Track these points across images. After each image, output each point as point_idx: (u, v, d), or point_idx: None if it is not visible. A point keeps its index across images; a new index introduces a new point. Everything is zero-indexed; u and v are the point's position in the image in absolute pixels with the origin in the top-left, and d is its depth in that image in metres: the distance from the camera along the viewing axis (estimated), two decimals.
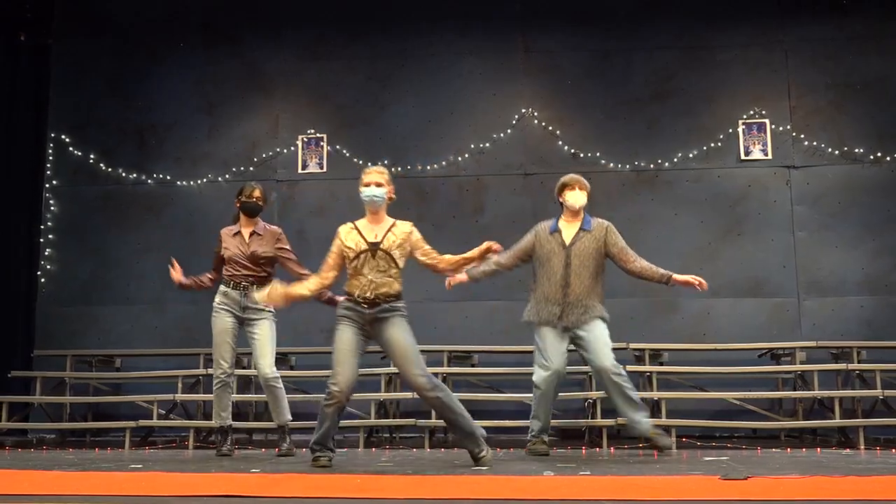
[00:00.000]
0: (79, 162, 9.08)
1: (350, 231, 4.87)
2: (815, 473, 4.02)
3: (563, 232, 5.56)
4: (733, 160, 8.54)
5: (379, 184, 4.91)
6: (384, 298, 4.70)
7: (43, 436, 8.13)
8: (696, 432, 7.13)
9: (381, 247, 4.73)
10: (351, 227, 4.90)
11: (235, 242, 5.75)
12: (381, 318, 4.70)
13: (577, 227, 5.56)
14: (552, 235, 5.55)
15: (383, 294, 4.70)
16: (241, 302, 5.65)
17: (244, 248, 5.68)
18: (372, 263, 4.72)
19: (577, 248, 5.49)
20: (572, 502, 3.08)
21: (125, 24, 9.29)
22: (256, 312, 5.65)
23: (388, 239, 4.78)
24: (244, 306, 5.65)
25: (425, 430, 6.86)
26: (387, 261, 4.73)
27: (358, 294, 4.71)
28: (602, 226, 5.60)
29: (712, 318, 8.27)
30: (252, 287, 5.58)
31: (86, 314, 8.78)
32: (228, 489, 3.41)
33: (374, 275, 4.71)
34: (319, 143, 8.93)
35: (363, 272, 4.71)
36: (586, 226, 5.58)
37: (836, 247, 8.31)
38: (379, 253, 4.72)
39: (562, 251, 5.49)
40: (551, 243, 5.53)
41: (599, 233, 5.56)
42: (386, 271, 4.73)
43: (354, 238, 4.81)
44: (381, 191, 4.89)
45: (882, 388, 6.94)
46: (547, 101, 8.82)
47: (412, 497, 3.22)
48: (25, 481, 3.92)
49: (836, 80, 8.55)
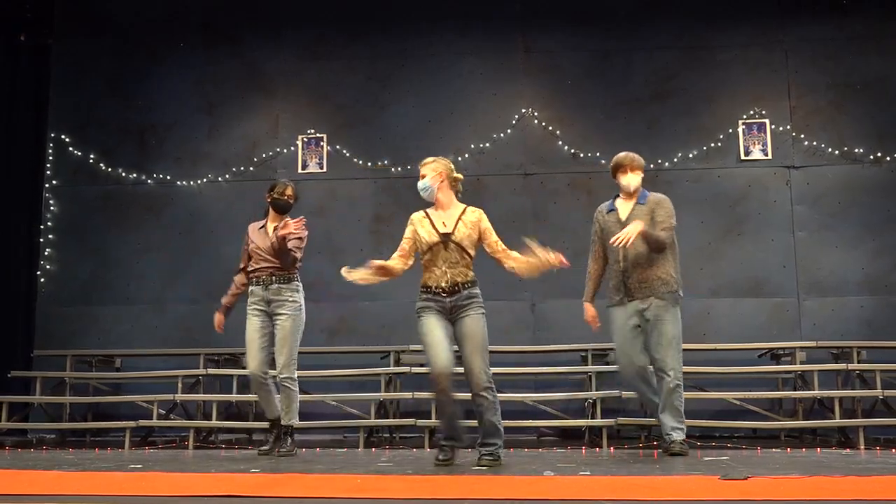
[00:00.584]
0: (79, 162, 9.08)
1: (423, 219, 4.81)
2: (815, 473, 4.02)
3: (619, 210, 5.59)
4: (733, 160, 8.54)
5: (423, 175, 4.82)
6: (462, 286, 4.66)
7: (43, 436, 8.13)
8: (696, 432, 7.11)
9: (453, 238, 4.68)
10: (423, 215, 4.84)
11: (260, 236, 5.68)
12: (459, 307, 4.65)
13: (633, 203, 5.56)
14: (609, 215, 5.62)
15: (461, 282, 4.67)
16: (265, 296, 5.60)
17: (266, 242, 5.61)
18: (444, 255, 4.67)
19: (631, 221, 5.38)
20: (572, 502, 3.08)
21: (125, 24, 9.30)
22: (280, 306, 5.58)
23: (459, 229, 4.72)
24: (268, 300, 5.60)
25: (425, 430, 6.86)
26: (459, 252, 4.68)
27: (434, 285, 4.67)
28: (655, 199, 5.60)
29: (712, 318, 8.27)
30: (273, 280, 5.54)
31: (86, 314, 8.78)
32: (228, 489, 3.41)
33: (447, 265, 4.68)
34: (319, 143, 8.93)
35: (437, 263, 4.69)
36: (642, 200, 5.58)
37: (836, 247, 8.31)
38: (451, 245, 4.67)
39: (618, 227, 5.41)
40: (608, 223, 5.55)
41: (651, 205, 5.53)
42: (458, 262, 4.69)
43: (427, 227, 4.74)
44: (426, 181, 4.79)
45: (882, 388, 6.94)
46: (547, 101, 8.82)
47: (412, 497, 3.22)
48: (25, 481, 3.92)
49: (836, 80, 8.55)
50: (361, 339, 8.34)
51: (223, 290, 8.78)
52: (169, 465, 4.87)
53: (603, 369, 7.50)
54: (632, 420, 7.15)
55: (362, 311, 8.36)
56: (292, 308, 5.59)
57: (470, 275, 4.72)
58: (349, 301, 8.31)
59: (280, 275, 5.59)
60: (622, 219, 5.46)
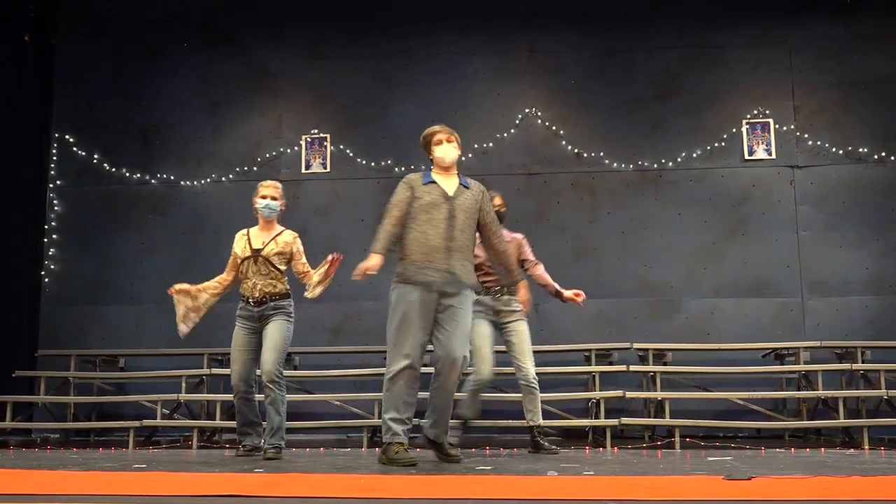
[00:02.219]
0: (82, 162, 9.10)
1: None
2: (819, 473, 4.02)
3: (441, 183, 4.80)
4: (737, 160, 8.53)
5: (274, 197, 5.44)
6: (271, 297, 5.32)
7: (47, 435, 8.14)
8: (699, 432, 7.12)
9: (262, 253, 5.33)
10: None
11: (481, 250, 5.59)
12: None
13: (457, 182, 4.84)
14: (429, 186, 4.77)
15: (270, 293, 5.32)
16: (495, 307, 5.69)
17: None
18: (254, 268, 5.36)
19: (461, 203, 4.75)
20: (576, 502, 3.08)
21: (129, 24, 9.31)
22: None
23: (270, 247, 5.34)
24: (498, 310, 5.71)
25: None
26: (268, 266, 5.33)
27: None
28: (479, 186, 4.94)
29: (716, 318, 8.26)
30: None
31: (90, 314, 8.79)
32: (232, 489, 3.41)
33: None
34: (323, 143, 8.93)
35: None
36: (465, 182, 4.88)
37: (840, 246, 8.29)
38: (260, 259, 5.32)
39: (445, 202, 4.71)
40: (431, 193, 4.73)
41: (477, 192, 4.87)
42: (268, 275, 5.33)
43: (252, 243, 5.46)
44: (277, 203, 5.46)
45: (886, 388, 6.93)
46: (550, 100, 8.81)
47: (416, 497, 3.21)
48: (29, 481, 3.92)
49: (840, 79, 8.54)
50: (364, 338, 8.34)
51: None
52: (173, 464, 4.88)
53: (606, 369, 7.50)
54: (635, 420, 7.16)
55: (365, 310, 8.36)
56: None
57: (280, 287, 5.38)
58: (352, 301, 8.32)
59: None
60: (448, 194, 4.73)
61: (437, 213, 4.65)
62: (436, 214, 4.65)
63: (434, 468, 4.47)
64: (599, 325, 8.28)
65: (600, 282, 8.39)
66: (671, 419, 6.75)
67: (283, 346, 5.32)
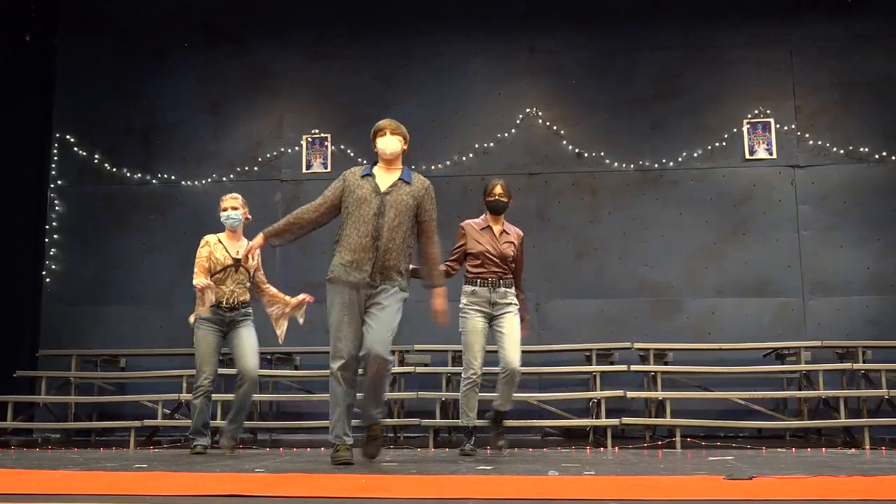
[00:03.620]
0: (83, 162, 9.10)
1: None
2: (820, 473, 4.02)
3: (377, 178, 4.79)
4: (738, 160, 8.53)
5: (235, 207, 5.81)
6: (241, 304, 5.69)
7: (48, 435, 8.15)
8: (700, 432, 7.12)
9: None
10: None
11: (486, 239, 5.54)
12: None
13: (396, 177, 4.81)
14: (363, 179, 4.79)
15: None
16: (491, 298, 5.48)
17: (496, 246, 5.50)
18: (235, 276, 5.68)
19: (394, 198, 4.69)
20: (577, 502, 3.08)
21: (130, 24, 9.31)
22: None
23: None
24: (493, 302, 5.49)
25: (429, 430, 6.87)
26: (246, 275, 5.67)
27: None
28: (423, 182, 4.84)
29: (717, 317, 8.26)
30: (499, 283, 5.48)
31: (91, 314, 8.80)
32: (233, 489, 3.41)
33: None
34: (324, 143, 8.93)
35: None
36: (406, 177, 4.83)
37: (841, 246, 8.29)
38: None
39: (375, 197, 4.69)
40: (363, 188, 4.74)
41: (419, 188, 4.79)
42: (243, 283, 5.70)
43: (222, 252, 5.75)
44: (238, 214, 5.82)
45: (887, 388, 6.92)
46: (551, 100, 8.81)
47: (416, 497, 3.21)
48: (30, 481, 3.93)
49: (841, 79, 8.54)
50: None
51: None
52: (174, 464, 4.88)
53: (607, 369, 7.50)
54: (636, 420, 7.16)
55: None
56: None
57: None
58: None
59: (504, 277, 5.53)
60: (380, 188, 4.72)
61: (367, 209, 4.65)
62: (365, 210, 4.66)
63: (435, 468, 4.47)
64: (600, 325, 8.28)
65: (601, 282, 8.39)
66: (672, 419, 6.75)
67: (258, 349, 5.80)
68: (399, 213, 4.67)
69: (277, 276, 8.58)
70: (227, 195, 5.95)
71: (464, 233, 5.62)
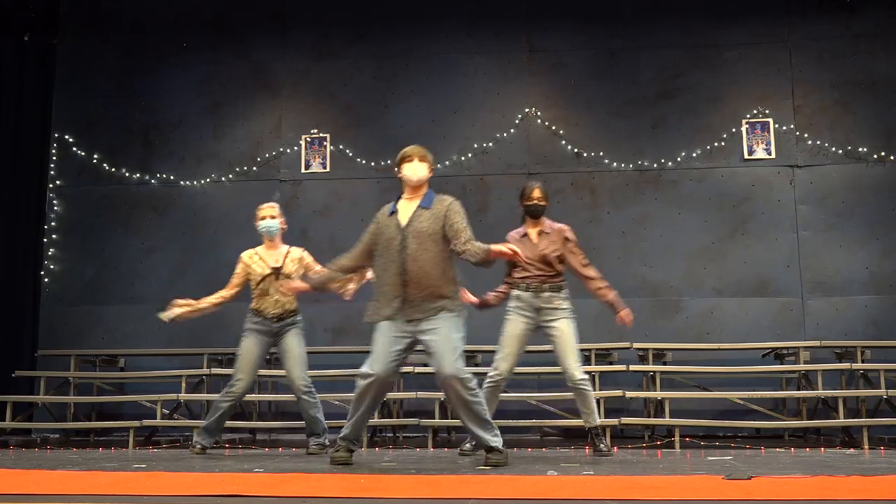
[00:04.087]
0: (83, 162, 9.10)
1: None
2: (819, 473, 4.02)
3: (400, 212, 4.77)
4: (737, 159, 8.53)
5: (273, 216, 5.86)
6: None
7: (47, 435, 8.15)
8: (699, 432, 7.12)
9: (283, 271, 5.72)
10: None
11: (525, 245, 5.43)
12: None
13: (416, 205, 4.75)
14: (390, 218, 4.78)
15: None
16: (535, 303, 5.42)
17: (534, 250, 5.43)
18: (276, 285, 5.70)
19: (414, 228, 4.66)
20: (576, 502, 3.08)
21: (130, 24, 9.31)
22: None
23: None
24: (538, 307, 5.42)
25: (428, 430, 6.87)
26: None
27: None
28: (444, 202, 4.75)
29: (716, 317, 8.26)
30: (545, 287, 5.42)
31: (90, 314, 8.80)
32: (232, 489, 3.41)
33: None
34: (323, 143, 8.93)
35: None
36: (426, 203, 4.75)
37: (840, 246, 8.29)
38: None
39: (398, 233, 4.68)
40: (389, 227, 4.74)
41: (440, 209, 4.71)
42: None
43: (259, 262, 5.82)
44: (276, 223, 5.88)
45: (886, 388, 6.92)
46: (551, 100, 8.81)
47: (416, 497, 3.22)
48: (29, 481, 3.93)
49: (840, 78, 8.53)
50: (365, 338, 8.25)
51: None
52: (173, 464, 4.88)
53: (606, 369, 7.50)
54: (635, 420, 7.16)
55: (366, 311, 8.33)
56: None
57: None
58: (353, 301, 8.28)
59: (551, 280, 5.49)
60: (401, 223, 4.71)
61: (392, 248, 4.69)
62: (391, 249, 4.69)
63: (435, 468, 4.47)
64: (599, 325, 8.26)
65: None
66: (671, 419, 6.75)
67: (305, 358, 5.82)
68: (421, 241, 4.64)
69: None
70: (265, 204, 5.93)
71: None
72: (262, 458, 5.39)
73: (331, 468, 4.54)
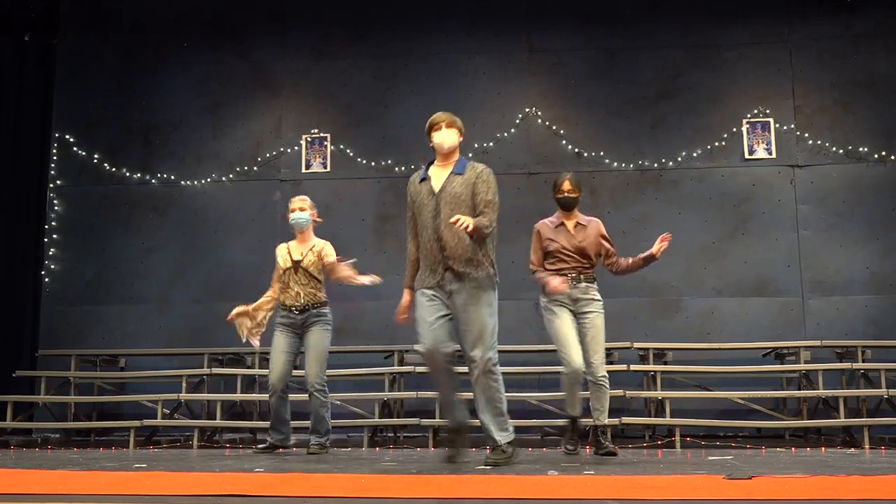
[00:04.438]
0: (83, 162, 9.10)
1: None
2: (819, 473, 4.01)
3: (432, 178, 4.74)
4: (737, 159, 8.53)
5: (303, 209, 5.84)
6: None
7: (47, 435, 8.15)
8: (700, 432, 7.12)
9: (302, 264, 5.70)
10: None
11: (561, 236, 5.45)
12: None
13: (449, 171, 4.73)
14: (421, 184, 4.75)
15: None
16: (573, 294, 5.38)
17: (571, 241, 5.42)
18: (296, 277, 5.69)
19: (447, 192, 4.64)
20: (576, 502, 3.08)
21: (130, 23, 9.31)
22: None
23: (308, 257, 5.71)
24: (576, 298, 5.39)
25: (429, 430, 6.86)
26: (307, 275, 5.69)
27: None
28: (476, 169, 4.72)
29: (717, 317, 8.26)
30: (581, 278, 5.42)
31: (90, 314, 8.80)
32: (232, 488, 3.41)
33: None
34: (323, 143, 8.93)
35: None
36: (459, 169, 4.73)
37: (840, 246, 8.29)
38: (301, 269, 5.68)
39: (431, 199, 4.67)
40: (421, 193, 4.72)
41: (471, 176, 4.68)
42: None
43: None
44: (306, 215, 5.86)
45: (887, 388, 6.92)
46: (551, 100, 8.81)
47: (416, 496, 3.21)
48: (30, 481, 3.93)
49: (840, 78, 8.53)
50: (365, 338, 8.34)
51: (227, 289, 8.81)
52: (173, 464, 4.88)
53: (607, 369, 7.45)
54: (636, 420, 7.15)
55: (366, 310, 8.36)
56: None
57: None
58: (353, 301, 8.31)
59: (585, 271, 5.50)
60: (435, 189, 4.68)
61: (426, 214, 4.64)
62: (425, 215, 4.65)
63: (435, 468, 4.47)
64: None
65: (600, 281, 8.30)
66: (672, 419, 6.75)
67: (325, 356, 5.72)
68: (455, 207, 4.57)
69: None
70: (296, 197, 5.97)
71: (539, 232, 5.53)
72: (262, 458, 5.39)
73: (331, 468, 4.54)
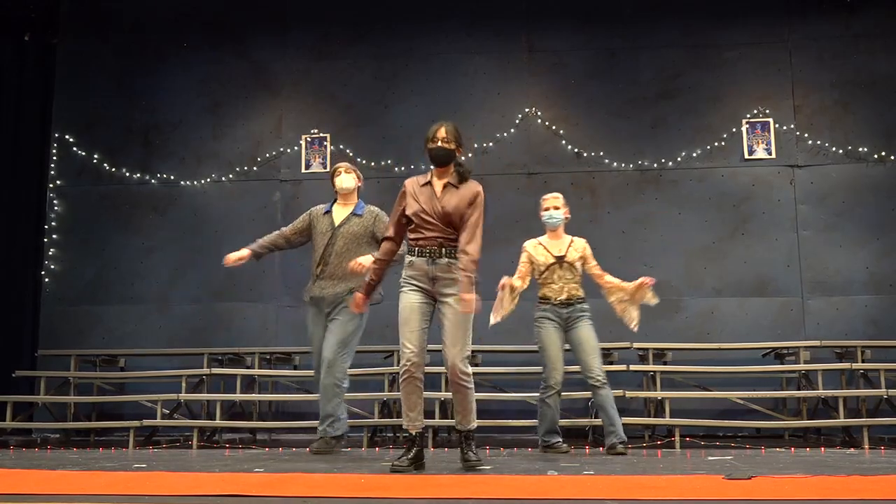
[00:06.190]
0: (83, 162, 9.11)
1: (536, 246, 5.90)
2: (819, 473, 4.02)
3: (334, 213, 5.73)
4: (737, 159, 8.53)
5: (557, 207, 5.91)
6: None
7: (47, 435, 8.15)
8: (700, 432, 7.12)
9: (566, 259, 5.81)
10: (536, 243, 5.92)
11: (422, 196, 5.50)
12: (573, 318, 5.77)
13: (349, 211, 5.70)
14: (324, 216, 5.73)
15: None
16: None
17: (433, 205, 5.44)
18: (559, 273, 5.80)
19: (345, 230, 5.60)
20: (576, 502, 3.08)
21: (130, 23, 9.32)
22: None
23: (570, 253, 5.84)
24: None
25: (428, 430, 6.86)
26: (572, 270, 5.83)
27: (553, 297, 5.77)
28: (372, 212, 5.71)
29: (716, 317, 8.26)
30: None
31: (90, 314, 8.80)
32: (232, 489, 3.41)
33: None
34: (323, 143, 8.94)
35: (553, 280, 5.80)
36: (358, 211, 5.70)
37: (840, 246, 8.29)
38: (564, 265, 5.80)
39: (329, 231, 5.63)
40: (323, 224, 5.68)
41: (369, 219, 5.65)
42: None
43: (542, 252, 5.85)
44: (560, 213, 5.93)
45: (886, 388, 6.92)
46: (551, 100, 8.81)
47: (415, 496, 3.22)
48: (30, 481, 3.93)
49: (840, 78, 8.53)
50: (364, 338, 8.26)
51: (227, 289, 8.81)
52: (173, 464, 4.88)
53: (606, 369, 7.47)
54: (635, 420, 7.15)
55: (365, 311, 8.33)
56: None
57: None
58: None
59: None
60: (335, 223, 5.75)
61: (321, 242, 5.56)
62: (319, 242, 5.56)
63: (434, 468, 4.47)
64: (599, 325, 8.22)
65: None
66: (671, 419, 6.75)
67: (597, 346, 5.92)
68: (347, 242, 5.55)
69: (277, 277, 8.61)
70: (549, 195, 6.03)
71: (403, 191, 5.54)
72: (262, 458, 5.39)
73: (331, 468, 4.54)
